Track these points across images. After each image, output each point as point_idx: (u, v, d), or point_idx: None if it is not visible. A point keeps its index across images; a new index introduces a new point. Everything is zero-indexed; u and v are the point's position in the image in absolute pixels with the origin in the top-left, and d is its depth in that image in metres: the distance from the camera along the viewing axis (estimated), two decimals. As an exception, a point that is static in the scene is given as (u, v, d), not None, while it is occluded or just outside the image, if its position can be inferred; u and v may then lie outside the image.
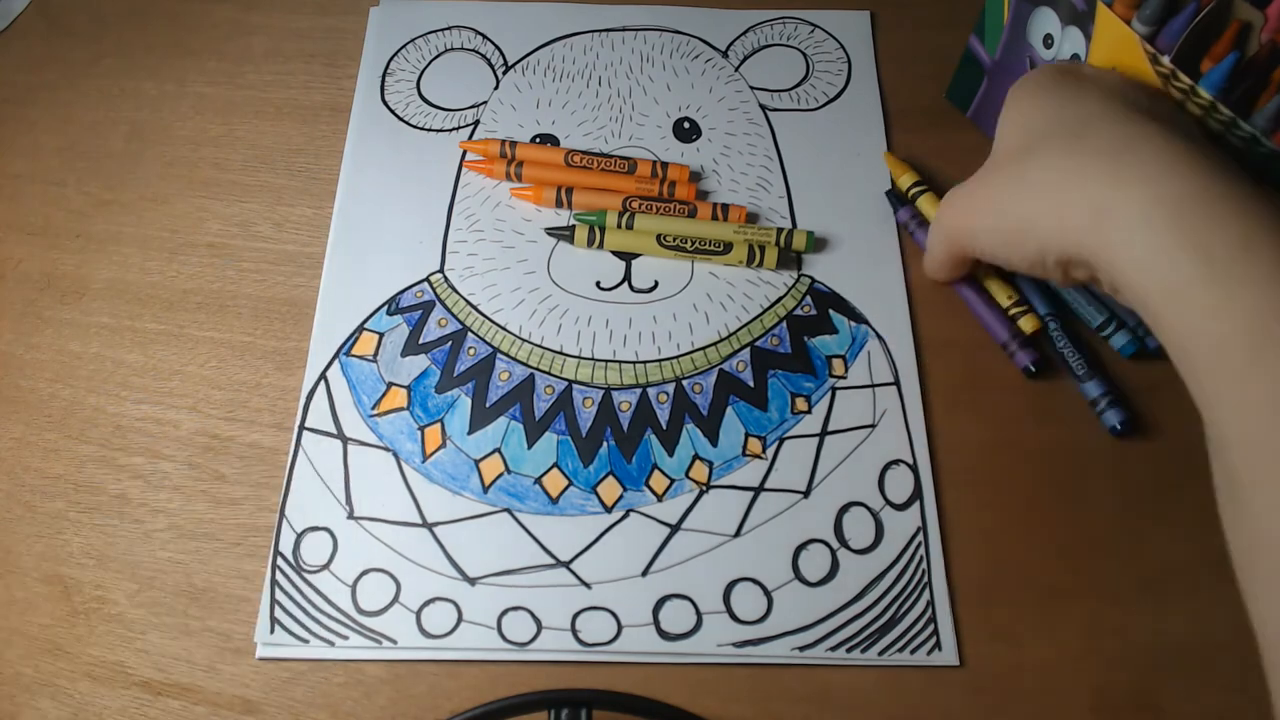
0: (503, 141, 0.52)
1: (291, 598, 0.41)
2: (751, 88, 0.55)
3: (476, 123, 0.53)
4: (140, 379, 0.46)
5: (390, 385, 0.46)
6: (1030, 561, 0.42)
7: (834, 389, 0.46)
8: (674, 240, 0.48)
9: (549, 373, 0.46)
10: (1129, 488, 0.44)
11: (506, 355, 0.46)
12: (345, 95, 0.55)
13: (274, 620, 0.41)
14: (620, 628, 0.40)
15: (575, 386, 0.46)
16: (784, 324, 0.47)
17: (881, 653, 0.40)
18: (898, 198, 0.51)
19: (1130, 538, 0.43)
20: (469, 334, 0.47)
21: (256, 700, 0.39)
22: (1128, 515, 0.43)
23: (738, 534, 0.42)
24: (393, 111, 0.54)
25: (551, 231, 0.50)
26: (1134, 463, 0.44)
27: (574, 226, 0.49)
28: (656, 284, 0.48)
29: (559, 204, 0.50)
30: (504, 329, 0.47)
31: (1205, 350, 0.31)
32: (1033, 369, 0.46)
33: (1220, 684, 0.40)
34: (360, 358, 0.46)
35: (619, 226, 0.49)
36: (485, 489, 0.43)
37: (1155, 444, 0.45)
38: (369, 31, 0.57)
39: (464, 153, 0.52)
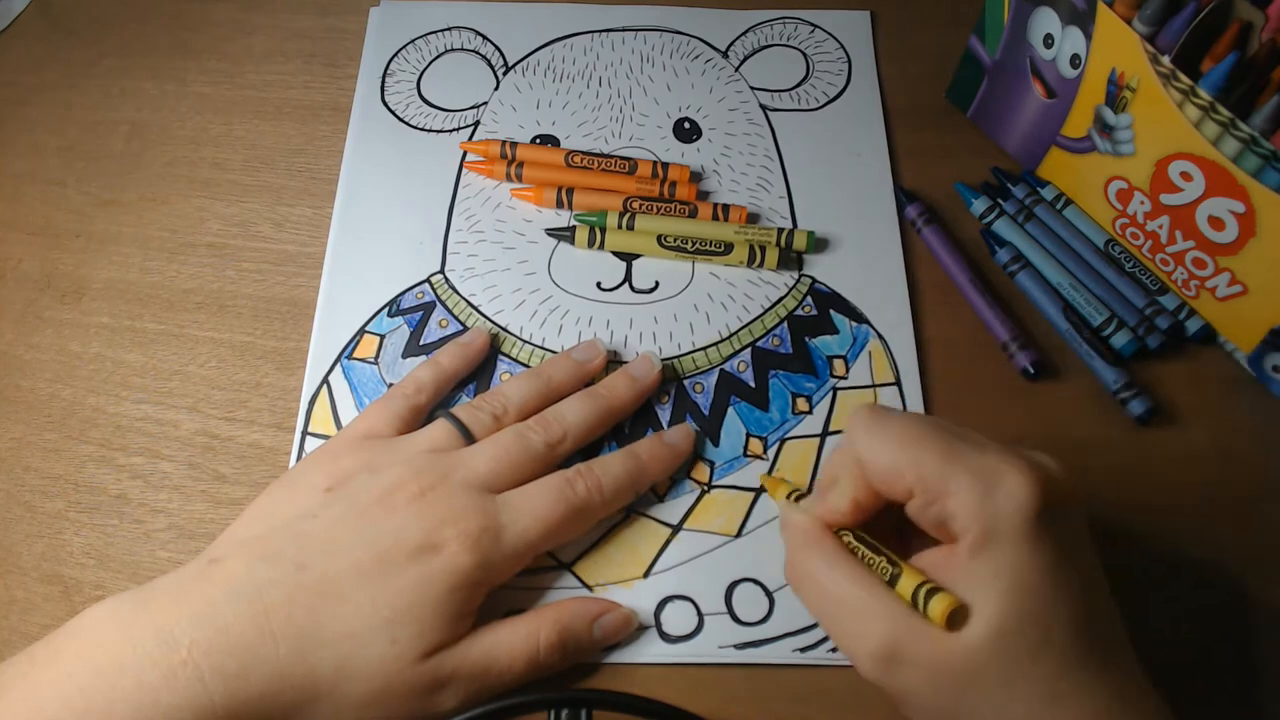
0: (503, 142, 0.52)
1: (292, 598, 0.41)
2: (752, 88, 0.55)
3: (477, 123, 0.53)
4: (140, 379, 0.46)
5: (391, 387, 0.45)
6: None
7: (835, 389, 0.46)
8: (675, 241, 0.48)
9: (550, 373, 0.46)
10: (1128, 487, 0.44)
11: (507, 356, 0.46)
12: (345, 95, 0.55)
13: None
14: (621, 628, 0.40)
15: (576, 387, 0.45)
16: (785, 324, 0.47)
17: (883, 653, 0.40)
18: (905, 194, 0.51)
19: (1130, 538, 0.43)
20: (469, 334, 0.47)
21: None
22: (1127, 516, 0.43)
23: (739, 534, 0.42)
24: (393, 112, 0.54)
25: (552, 232, 0.50)
26: (1133, 462, 0.44)
27: (574, 227, 0.49)
28: (657, 284, 0.48)
29: (559, 205, 0.50)
30: (505, 330, 0.47)
31: None
32: (1032, 370, 0.46)
33: (1219, 688, 0.40)
34: (362, 360, 0.46)
35: (619, 227, 0.49)
36: (486, 489, 0.43)
37: (1155, 443, 0.45)
38: (369, 32, 0.57)
39: (464, 153, 0.52)
